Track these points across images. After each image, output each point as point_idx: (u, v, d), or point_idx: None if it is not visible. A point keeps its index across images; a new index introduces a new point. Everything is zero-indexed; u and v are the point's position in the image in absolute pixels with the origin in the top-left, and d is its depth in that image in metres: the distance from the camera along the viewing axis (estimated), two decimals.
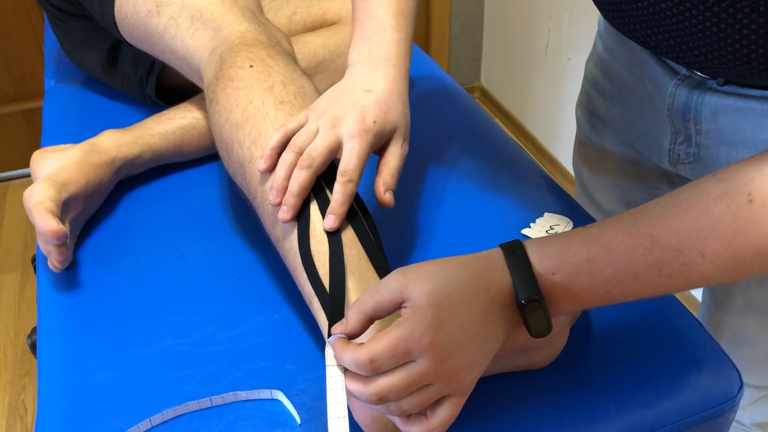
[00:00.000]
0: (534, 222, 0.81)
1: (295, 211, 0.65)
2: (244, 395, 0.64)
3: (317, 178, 0.67)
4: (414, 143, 0.74)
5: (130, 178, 0.93)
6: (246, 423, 0.62)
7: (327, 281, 0.63)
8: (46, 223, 0.74)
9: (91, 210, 0.87)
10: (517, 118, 2.40)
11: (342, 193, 0.65)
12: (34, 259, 1.09)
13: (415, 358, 0.49)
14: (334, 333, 0.54)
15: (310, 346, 0.68)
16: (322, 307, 0.62)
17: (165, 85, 1.06)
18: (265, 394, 0.64)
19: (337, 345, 0.53)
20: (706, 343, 0.68)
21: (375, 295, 0.52)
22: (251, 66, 0.75)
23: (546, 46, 2.09)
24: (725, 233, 0.47)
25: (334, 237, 0.64)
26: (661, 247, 0.49)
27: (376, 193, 0.69)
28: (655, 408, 0.62)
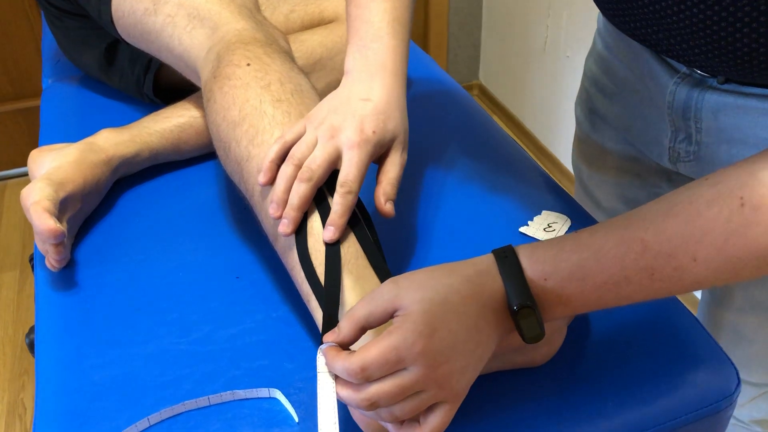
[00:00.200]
0: (532, 220, 0.81)
1: (296, 225, 0.65)
2: (242, 394, 0.64)
3: None
4: (412, 142, 0.74)
5: (128, 177, 0.93)
6: (244, 422, 0.62)
7: (324, 276, 0.63)
8: (44, 222, 0.74)
9: (89, 209, 0.87)
10: (516, 116, 2.40)
11: (341, 204, 0.64)
12: (31, 258, 1.08)
13: (406, 366, 0.50)
14: (326, 341, 0.54)
15: (308, 344, 0.68)
16: (319, 305, 0.62)
17: (162, 83, 1.06)
18: (263, 392, 0.64)
19: (328, 353, 0.53)
20: (704, 340, 0.68)
21: (367, 305, 0.52)
22: (248, 64, 0.75)
23: (544, 43, 2.09)
24: (717, 237, 0.47)
25: None
26: (653, 252, 0.49)
27: (377, 203, 0.68)
28: (653, 405, 0.62)
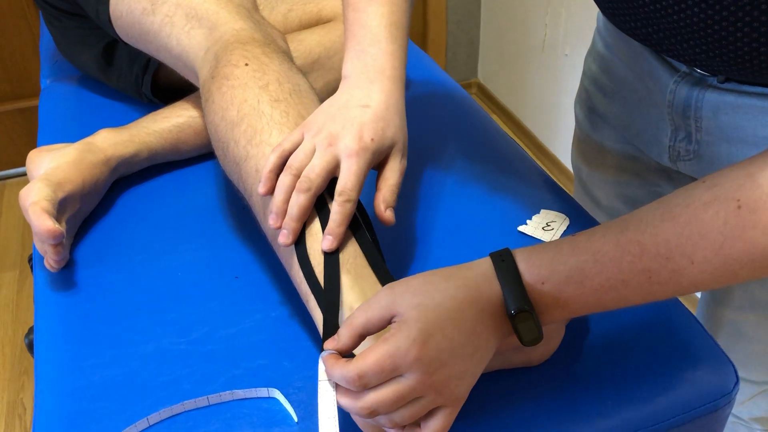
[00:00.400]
0: (530, 219, 0.81)
1: (296, 236, 0.65)
2: (242, 394, 0.64)
3: None
4: (410, 142, 0.74)
5: (127, 177, 0.93)
6: (243, 421, 0.62)
7: (323, 278, 0.63)
8: (42, 222, 0.74)
9: (88, 209, 0.87)
10: (515, 114, 2.40)
11: (340, 213, 0.64)
12: (30, 259, 1.08)
13: (403, 373, 0.50)
14: (326, 349, 0.54)
15: (307, 343, 0.68)
16: (318, 305, 0.62)
17: (161, 83, 1.06)
18: (263, 392, 0.64)
19: (327, 361, 0.53)
20: (702, 339, 0.68)
21: (365, 312, 0.53)
22: (246, 64, 0.75)
23: (543, 41, 2.09)
24: (714, 240, 0.47)
25: None
26: (650, 255, 0.49)
27: (377, 210, 0.68)
28: (651, 404, 0.62)
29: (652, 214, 0.50)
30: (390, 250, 0.74)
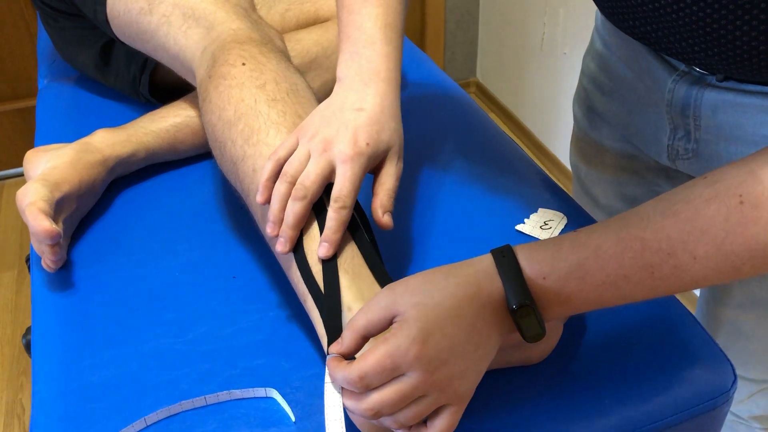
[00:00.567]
0: (528, 218, 0.81)
1: (293, 243, 0.64)
2: (239, 394, 0.64)
3: None
4: (408, 141, 0.74)
5: (124, 177, 0.93)
6: (241, 421, 0.62)
7: (320, 279, 0.63)
8: (39, 223, 0.74)
9: (85, 209, 0.87)
10: (514, 113, 2.40)
11: (336, 220, 0.63)
12: (28, 259, 1.08)
13: (404, 372, 0.50)
14: (331, 352, 0.54)
15: (305, 343, 0.68)
16: (315, 305, 0.62)
17: (158, 83, 1.06)
18: (260, 392, 0.64)
19: (330, 364, 0.53)
20: (700, 337, 0.68)
21: (365, 314, 0.53)
22: (243, 64, 0.75)
23: (542, 40, 2.09)
24: (716, 235, 0.47)
25: None
26: (652, 251, 0.49)
27: (374, 215, 0.68)
28: (650, 402, 0.62)
29: (653, 210, 0.50)
30: (388, 250, 0.74)
